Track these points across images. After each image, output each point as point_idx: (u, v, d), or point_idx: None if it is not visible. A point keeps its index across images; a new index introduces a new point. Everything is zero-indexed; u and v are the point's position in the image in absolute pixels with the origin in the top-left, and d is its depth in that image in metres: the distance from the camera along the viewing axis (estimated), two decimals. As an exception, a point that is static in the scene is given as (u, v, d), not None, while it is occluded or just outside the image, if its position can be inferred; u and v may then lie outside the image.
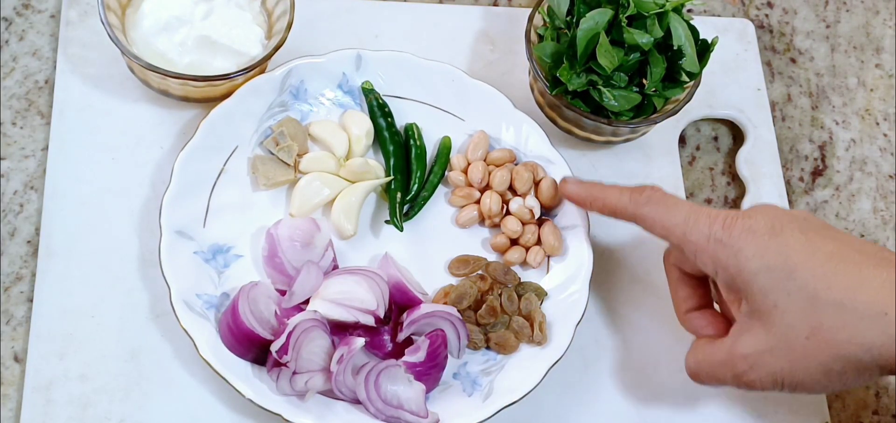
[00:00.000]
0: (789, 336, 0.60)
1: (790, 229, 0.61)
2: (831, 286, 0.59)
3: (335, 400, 0.67)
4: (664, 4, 0.73)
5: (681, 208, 0.65)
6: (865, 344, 0.58)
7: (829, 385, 0.61)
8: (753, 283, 0.61)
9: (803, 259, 0.60)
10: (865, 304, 0.58)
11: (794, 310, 0.59)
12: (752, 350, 0.61)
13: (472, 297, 0.71)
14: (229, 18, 0.75)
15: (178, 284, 0.68)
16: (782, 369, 0.61)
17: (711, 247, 0.63)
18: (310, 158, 0.75)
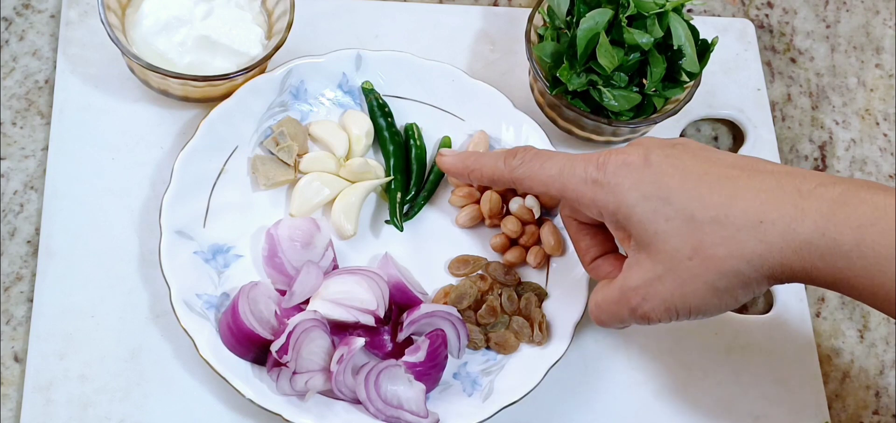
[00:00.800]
0: (673, 261, 0.60)
1: (663, 157, 0.62)
2: (707, 204, 0.59)
3: (335, 400, 0.67)
4: (664, 4, 0.73)
5: (555, 161, 0.65)
6: (745, 256, 0.58)
7: (720, 304, 0.61)
8: (633, 215, 0.61)
9: (678, 183, 0.60)
10: (740, 215, 0.58)
11: (673, 234, 0.60)
12: (642, 281, 0.61)
13: (472, 297, 0.71)
14: (229, 18, 0.75)
15: (178, 284, 0.68)
16: (672, 294, 0.61)
17: (590, 190, 0.63)
18: (310, 158, 0.75)
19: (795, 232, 0.57)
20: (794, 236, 0.57)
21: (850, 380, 0.76)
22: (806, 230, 0.57)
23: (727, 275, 0.59)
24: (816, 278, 0.58)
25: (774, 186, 0.59)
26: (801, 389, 0.74)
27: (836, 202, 0.57)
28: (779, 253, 0.58)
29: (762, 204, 0.58)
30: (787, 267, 0.58)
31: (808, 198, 0.57)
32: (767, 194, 0.58)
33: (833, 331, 0.78)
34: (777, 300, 0.77)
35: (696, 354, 0.74)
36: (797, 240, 0.57)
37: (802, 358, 0.76)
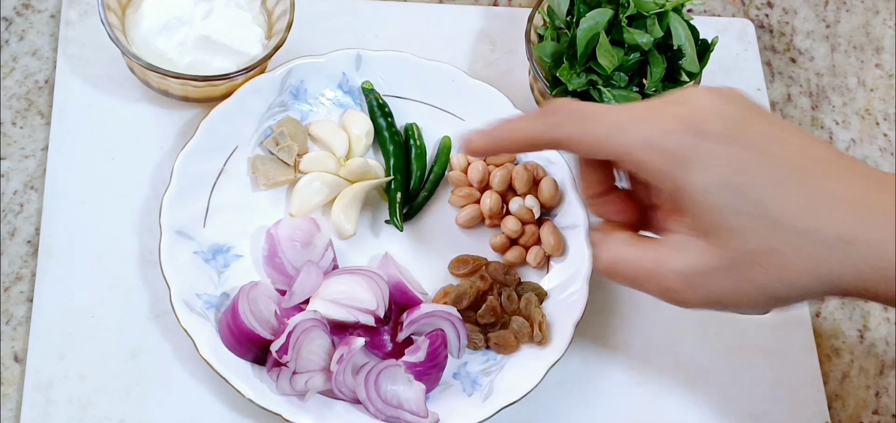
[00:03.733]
0: (738, 260, 0.53)
1: (744, 128, 0.53)
2: (792, 208, 0.52)
3: (335, 400, 0.67)
4: (664, 4, 0.73)
5: (603, 119, 0.55)
6: (822, 274, 0.52)
7: (767, 307, 0.55)
8: (704, 200, 0.53)
9: (760, 172, 0.52)
10: (830, 230, 0.51)
11: (749, 234, 0.52)
12: (692, 270, 0.54)
13: (471, 297, 0.71)
14: (229, 18, 0.75)
15: (178, 284, 0.68)
16: (724, 292, 0.54)
17: (652, 157, 0.53)
18: (310, 158, 0.75)
19: (881, 257, 0.51)
20: (879, 261, 0.51)
21: (850, 380, 0.76)
22: (892, 254, 0.51)
23: (794, 288, 0.53)
24: (886, 299, 0.53)
25: (860, 199, 0.52)
26: (801, 389, 0.74)
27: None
28: (858, 275, 0.52)
29: (851, 220, 0.52)
30: (860, 288, 0.52)
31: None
32: (855, 207, 0.52)
33: (833, 331, 0.78)
34: (777, 300, 0.77)
35: (696, 354, 0.74)
36: (881, 263, 0.51)
37: (802, 358, 0.76)
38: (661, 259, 0.55)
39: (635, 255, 0.57)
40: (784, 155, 0.53)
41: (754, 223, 0.52)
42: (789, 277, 0.52)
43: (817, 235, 0.52)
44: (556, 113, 0.57)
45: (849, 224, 0.51)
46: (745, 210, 0.52)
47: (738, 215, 0.52)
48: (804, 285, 0.53)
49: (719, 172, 0.52)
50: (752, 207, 0.52)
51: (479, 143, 0.61)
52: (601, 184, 0.60)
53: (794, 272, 0.52)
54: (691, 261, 0.54)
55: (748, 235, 0.52)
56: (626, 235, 0.59)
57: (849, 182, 0.53)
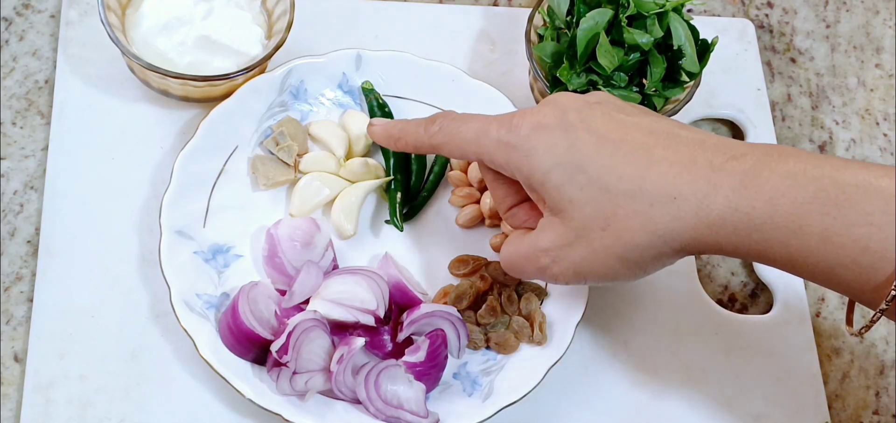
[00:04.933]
0: (585, 230, 0.60)
1: (579, 120, 0.61)
2: (622, 175, 0.59)
3: (335, 400, 0.67)
4: (664, 4, 0.73)
5: (471, 125, 0.64)
6: (658, 231, 0.58)
7: (629, 274, 0.61)
8: (547, 181, 0.60)
9: (593, 150, 0.60)
10: (654, 189, 0.58)
11: (587, 203, 0.59)
12: (553, 244, 0.61)
13: (471, 297, 0.71)
14: (229, 18, 0.75)
15: (178, 284, 0.68)
16: (582, 261, 0.61)
17: (504, 153, 0.62)
18: (310, 158, 0.75)
19: (708, 208, 0.57)
20: (708, 213, 0.57)
21: (850, 380, 0.76)
22: (718, 206, 0.57)
23: (639, 248, 0.59)
24: (730, 251, 0.58)
25: (688, 160, 0.58)
26: (801, 389, 0.74)
27: (747, 175, 0.57)
28: (692, 229, 0.58)
29: (676, 178, 0.58)
30: (700, 241, 0.58)
31: (720, 172, 0.57)
32: (681, 168, 0.58)
33: (833, 331, 0.78)
34: (777, 300, 0.77)
35: (696, 354, 0.74)
36: (710, 216, 0.57)
37: (802, 358, 0.76)
38: (533, 242, 0.63)
39: (518, 246, 0.65)
40: (620, 136, 0.60)
41: (590, 194, 0.59)
42: (628, 236, 0.59)
43: (645, 194, 0.58)
44: (435, 121, 0.67)
45: (674, 182, 0.58)
46: (580, 183, 0.59)
47: (575, 189, 0.60)
48: (644, 244, 0.59)
49: (555, 155, 0.60)
50: (586, 180, 0.59)
51: (378, 131, 0.71)
52: (511, 196, 0.67)
53: (631, 232, 0.59)
54: (552, 237, 0.62)
55: (588, 205, 0.59)
56: (518, 232, 0.66)
57: (679, 149, 0.59)
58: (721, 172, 0.57)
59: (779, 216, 0.56)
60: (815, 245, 0.55)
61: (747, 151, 0.58)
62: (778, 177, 0.56)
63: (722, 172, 0.57)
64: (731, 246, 0.58)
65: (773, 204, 0.56)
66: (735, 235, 0.57)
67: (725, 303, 0.78)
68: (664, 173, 0.58)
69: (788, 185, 0.56)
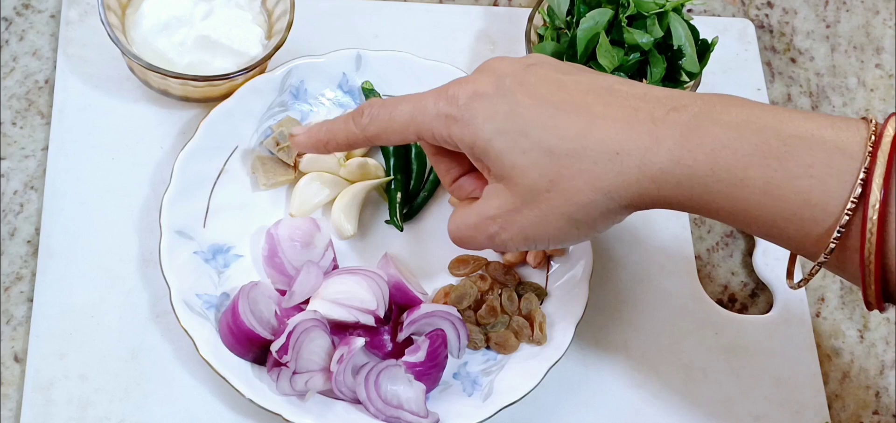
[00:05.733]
0: (531, 194, 0.59)
1: (517, 84, 0.60)
2: (563, 136, 0.58)
3: (335, 400, 0.67)
4: (664, 4, 0.73)
5: (404, 106, 0.63)
6: (602, 188, 0.58)
7: (578, 235, 0.61)
8: (489, 149, 0.59)
9: (533, 114, 0.59)
10: (597, 147, 0.57)
11: (531, 167, 0.58)
12: (499, 211, 0.61)
13: (472, 297, 0.71)
14: (229, 18, 0.75)
15: (178, 284, 0.68)
16: (530, 225, 0.60)
17: (444, 126, 0.61)
18: (310, 158, 0.75)
19: (651, 162, 0.56)
20: (650, 167, 0.56)
21: (850, 380, 0.76)
22: (661, 160, 0.56)
23: (585, 207, 0.58)
24: (675, 204, 0.58)
25: (630, 114, 0.58)
26: (801, 389, 0.74)
27: (688, 127, 0.56)
28: (636, 184, 0.57)
29: (617, 134, 0.57)
30: (646, 196, 0.58)
31: (662, 125, 0.57)
32: (622, 123, 0.57)
33: (833, 331, 0.78)
34: (777, 300, 0.77)
35: (696, 354, 0.74)
36: (653, 170, 0.56)
37: (802, 358, 0.76)
38: (480, 211, 0.62)
39: (465, 217, 0.63)
40: (560, 98, 0.59)
41: (534, 157, 0.58)
42: (575, 197, 0.58)
43: (587, 153, 0.57)
44: (363, 113, 0.65)
45: (616, 138, 0.57)
46: (523, 148, 0.59)
47: (519, 154, 0.59)
48: (590, 202, 0.58)
49: (496, 122, 0.59)
50: (530, 145, 0.58)
51: (303, 141, 0.69)
52: (454, 169, 0.66)
53: (576, 192, 0.58)
54: (498, 203, 0.61)
55: (532, 169, 0.59)
56: (465, 203, 0.65)
57: (619, 104, 0.58)
58: (662, 124, 0.57)
59: (720, 169, 0.55)
60: (756, 198, 0.55)
61: (689, 102, 0.57)
62: (719, 128, 0.55)
63: (663, 125, 0.57)
64: (675, 200, 0.57)
65: (715, 156, 0.55)
66: (678, 188, 0.57)
67: (725, 303, 0.78)
68: (606, 130, 0.57)
69: (730, 137, 0.55)
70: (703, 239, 0.80)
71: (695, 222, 0.80)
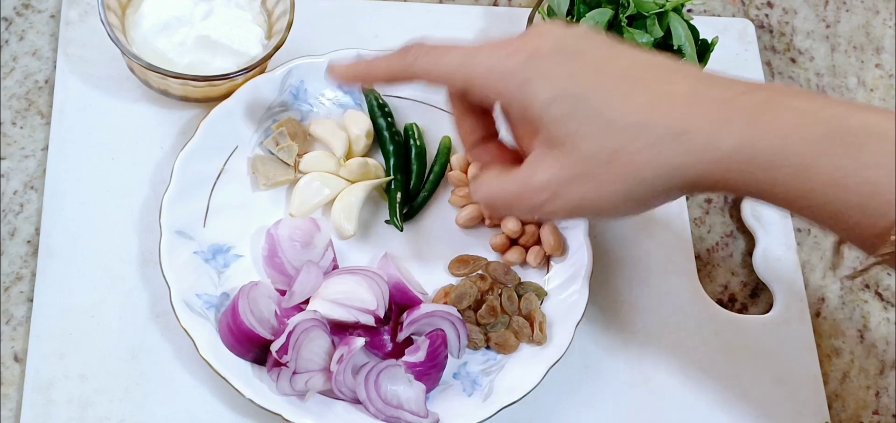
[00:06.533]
0: (588, 164, 0.57)
1: (577, 51, 0.58)
2: (626, 110, 0.56)
3: (335, 400, 0.67)
4: (664, 4, 0.73)
5: (453, 53, 0.60)
6: (666, 166, 0.56)
7: (632, 210, 0.59)
8: (546, 113, 0.57)
9: (596, 81, 0.57)
10: (662, 123, 0.55)
11: (590, 137, 0.56)
12: (550, 181, 0.58)
13: (472, 297, 0.71)
14: (229, 18, 0.75)
15: (178, 284, 0.68)
16: (583, 197, 0.57)
17: (496, 81, 0.58)
18: (310, 158, 0.75)
19: (718, 144, 0.54)
20: (717, 149, 0.55)
21: (850, 380, 0.76)
22: (729, 141, 0.54)
23: (645, 184, 0.56)
24: (736, 188, 0.56)
25: (694, 93, 0.56)
26: (801, 389, 0.74)
27: (758, 110, 0.54)
28: (700, 164, 0.55)
29: (683, 113, 0.55)
30: (707, 178, 0.56)
31: (730, 106, 0.55)
32: (688, 102, 0.56)
33: (833, 331, 0.78)
34: (777, 300, 0.77)
35: (696, 354, 0.74)
36: (720, 152, 0.55)
37: (802, 358, 0.76)
38: (525, 178, 0.59)
39: (504, 183, 0.60)
40: (622, 69, 0.57)
41: (593, 127, 0.56)
42: (632, 173, 0.56)
43: (651, 129, 0.55)
44: (411, 50, 0.62)
45: (681, 117, 0.55)
46: (583, 115, 0.56)
47: (577, 122, 0.56)
48: (650, 179, 0.56)
49: (556, 85, 0.57)
50: (589, 112, 0.56)
51: (341, 71, 0.67)
52: (478, 130, 0.64)
53: (635, 168, 0.56)
54: (548, 173, 0.58)
55: (589, 138, 0.56)
56: (497, 169, 0.62)
57: (683, 82, 0.57)
58: (730, 106, 0.55)
59: (790, 154, 0.54)
60: (822, 186, 0.54)
61: (753, 87, 0.56)
62: (790, 113, 0.54)
63: (731, 106, 0.55)
64: (737, 183, 0.55)
65: (785, 140, 0.54)
66: (743, 172, 0.55)
67: (725, 303, 0.78)
68: (671, 107, 0.55)
69: (800, 122, 0.54)
70: (703, 239, 0.80)
71: (695, 221, 0.80)
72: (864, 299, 0.80)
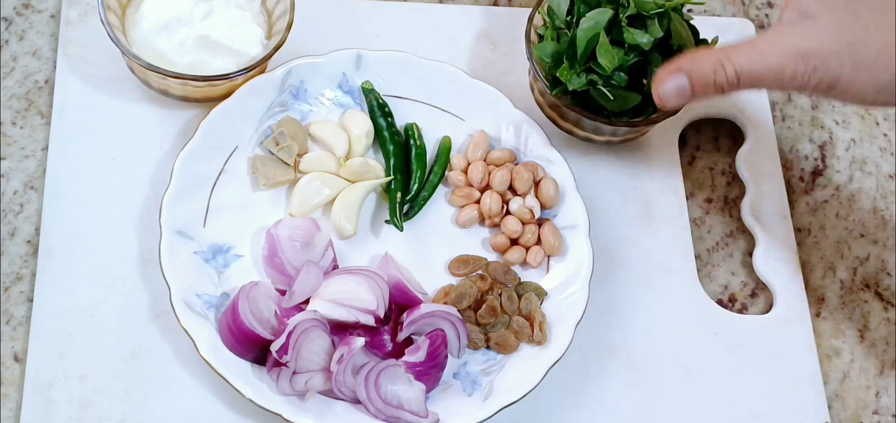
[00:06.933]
0: (862, 49, 0.62)
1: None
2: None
3: (335, 400, 0.67)
4: (664, 4, 0.73)
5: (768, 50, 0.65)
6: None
7: (874, 100, 0.64)
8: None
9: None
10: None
11: (873, 26, 0.62)
12: (818, 49, 0.62)
13: (472, 297, 0.71)
14: (229, 18, 0.75)
15: (178, 284, 0.68)
16: (843, 75, 0.62)
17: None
18: (310, 158, 0.75)
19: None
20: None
21: (850, 380, 0.76)
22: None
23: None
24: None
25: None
26: (801, 389, 0.74)
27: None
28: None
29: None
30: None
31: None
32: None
33: (833, 331, 0.78)
34: (777, 300, 0.77)
35: (696, 354, 0.74)
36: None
37: (802, 358, 0.76)
38: (793, 45, 0.63)
39: (771, 46, 0.64)
40: None
41: (879, 17, 0.63)
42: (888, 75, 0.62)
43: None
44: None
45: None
46: (873, 5, 0.63)
47: (868, 9, 0.63)
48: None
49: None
50: (882, 3, 0.63)
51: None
52: None
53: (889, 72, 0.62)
54: (818, 41, 0.63)
55: (874, 27, 0.62)
56: (737, 45, 0.65)
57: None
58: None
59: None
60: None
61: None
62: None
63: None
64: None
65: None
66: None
67: (725, 303, 0.78)
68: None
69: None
70: (703, 239, 0.80)
71: (695, 222, 0.80)
72: (864, 299, 0.80)
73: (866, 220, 0.83)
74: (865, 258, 0.81)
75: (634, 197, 0.79)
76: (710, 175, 0.83)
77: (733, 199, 0.82)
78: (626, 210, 0.79)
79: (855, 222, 0.83)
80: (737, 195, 0.82)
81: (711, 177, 0.83)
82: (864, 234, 0.82)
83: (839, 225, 0.82)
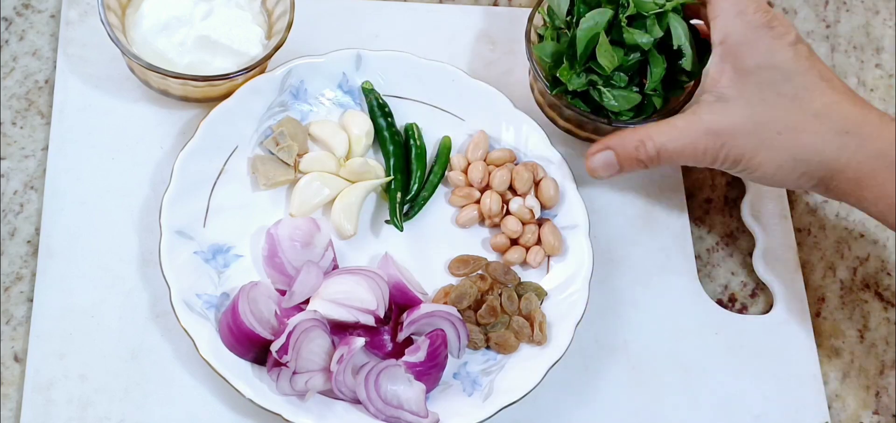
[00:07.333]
0: (765, 128, 0.68)
1: (804, 44, 0.69)
2: (815, 100, 0.68)
3: (335, 400, 0.67)
4: (664, 4, 0.73)
5: (674, 128, 0.71)
6: (823, 153, 0.67)
7: (775, 179, 0.69)
8: (753, 76, 0.68)
9: (804, 70, 0.68)
10: (837, 121, 0.67)
11: (779, 108, 0.68)
12: (727, 128, 0.69)
13: (472, 297, 0.71)
14: (229, 18, 0.75)
15: (178, 284, 0.68)
16: (747, 151, 0.69)
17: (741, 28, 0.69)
18: (310, 158, 0.75)
19: (880, 153, 0.66)
20: (875, 159, 0.66)
21: (850, 380, 0.76)
22: (877, 146, 0.66)
23: (801, 161, 0.68)
24: (837, 191, 0.69)
25: (870, 113, 0.68)
26: (801, 389, 0.74)
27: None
28: (854, 164, 0.67)
29: (857, 120, 0.67)
30: (852, 179, 0.67)
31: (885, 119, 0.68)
32: (863, 114, 0.68)
33: (833, 331, 0.78)
34: (777, 300, 0.77)
35: (696, 354, 0.74)
36: (878, 161, 0.66)
37: (802, 358, 0.76)
38: (709, 125, 0.69)
39: (687, 128, 0.70)
40: (820, 69, 0.69)
41: (786, 103, 0.68)
42: (798, 150, 0.68)
43: (830, 120, 0.67)
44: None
45: (851, 124, 0.67)
46: (783, 91, 0.68)
47: (776, 95, 0.68)
48: (808, 160, 0.68)
49: (776, 59, 0.68)
50: (790, 90, 0.68)
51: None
52: None
53: (803, 147, 0.67)
54: (728, 121, 0.69)
55: (779, 110, 0.68)
56: (667, 124, 0.71)
57: (856, 106, 0.68)
58: (885, 119, 0.68)
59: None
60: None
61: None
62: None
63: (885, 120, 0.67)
64: (842, 186, 0.68)
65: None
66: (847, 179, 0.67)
67: (725, 303, 0.78)
68: (847, 114, 0.67)
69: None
70: (703, 239, 0.80)
71: (695, 221, 0.80)
72: (863, 299, 0.80)
73: (866, 220, 0.83)
74: (865, 258, 0.81)
75: (634, 197, 0.79)
76: (710, 175, 0.83)
77: (733, 199, 0.82)
78: (626, 210, 0.79)
79: (855, 222, 0.83)
80: (737, 195, 0.82)
81: (711, 177, 0.83)
82: (864, 234, 0.82)
83: (839, 225, 0.82)
